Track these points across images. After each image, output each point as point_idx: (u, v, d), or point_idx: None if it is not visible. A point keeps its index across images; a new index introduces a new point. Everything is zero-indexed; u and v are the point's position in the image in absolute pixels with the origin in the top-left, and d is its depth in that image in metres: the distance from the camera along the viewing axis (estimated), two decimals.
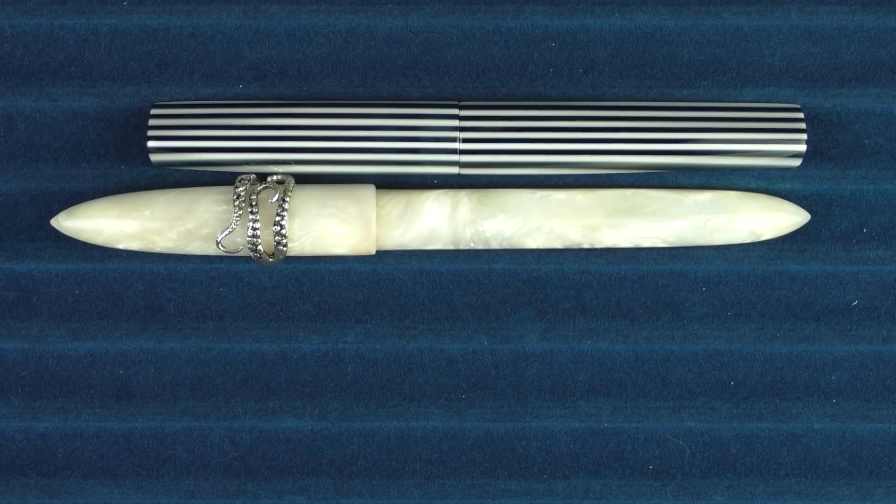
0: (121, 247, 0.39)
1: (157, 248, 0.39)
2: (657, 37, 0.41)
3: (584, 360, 0.42)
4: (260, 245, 0.38)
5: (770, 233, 0.40)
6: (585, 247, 0.40)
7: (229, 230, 0.38)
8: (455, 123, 0.39)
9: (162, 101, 0.40)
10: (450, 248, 0.40)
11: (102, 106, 0.41)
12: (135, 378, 0.42)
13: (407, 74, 0.41)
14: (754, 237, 0.40)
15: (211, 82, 0.41)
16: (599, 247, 0.40)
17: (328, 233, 0.39)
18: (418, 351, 0.42)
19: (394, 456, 0.43)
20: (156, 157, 0.39)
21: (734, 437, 0.42)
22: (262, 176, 0.39)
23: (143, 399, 0.42)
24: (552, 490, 0.42)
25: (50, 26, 0.40)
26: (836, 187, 0.41)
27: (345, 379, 0.42)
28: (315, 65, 0.41)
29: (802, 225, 0.41)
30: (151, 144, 0.39)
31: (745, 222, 0.40)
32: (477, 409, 0.42)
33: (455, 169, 0.40)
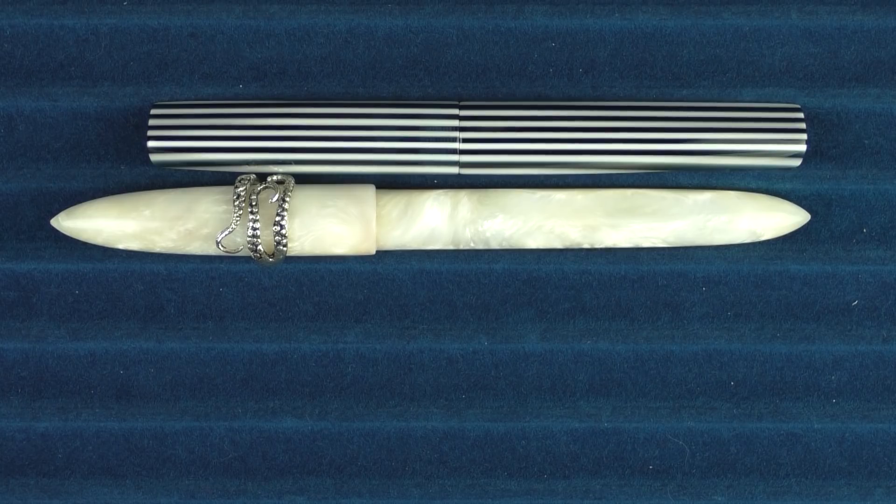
0: (121, 247, 0.39)
1: (157, 248, 0.39)
2: (657, 37, 0.40)
3: (584, 360, 0.42)
4: (260, 245, 0.38)
5: (770, 233, 0.40)
6: (585, 247, 0.40)
7: (229, 230, 0.38)
8: (455, 123, 0.39)
9: (162, 101, 0.40)
10: (450, 248, 0.40)
11: (102, 106, 0.41)
12: (135, 378, 0.42)
13: (407, 74, 0.41)
14: (754, 237, 0.40)
15: (211, 82, 0.41)
16: (599, 247, 0.40)
17: (328, 233, 0.39)
18: (418, 351, 0.42)
19: (394, 456, 0.43)
20: (156, 157, 0.39)
21: (734, 437, 0.42)
22: (262, 176, 0.39)
23: (143, 399, 0.42)
24: (552, 490, 0.42)
25: (50, 26, 0.40)
26: (836, 187, 0.41)
27: (345, 379, 0.42)
28: (315, 65, 0.41)
29: (802, 225, 0.41)
30: (151, 144, 0.39)
31: (745, 222, 0.40)
32: (477, 409, 0.42)
33: (455, 169, 0.40)
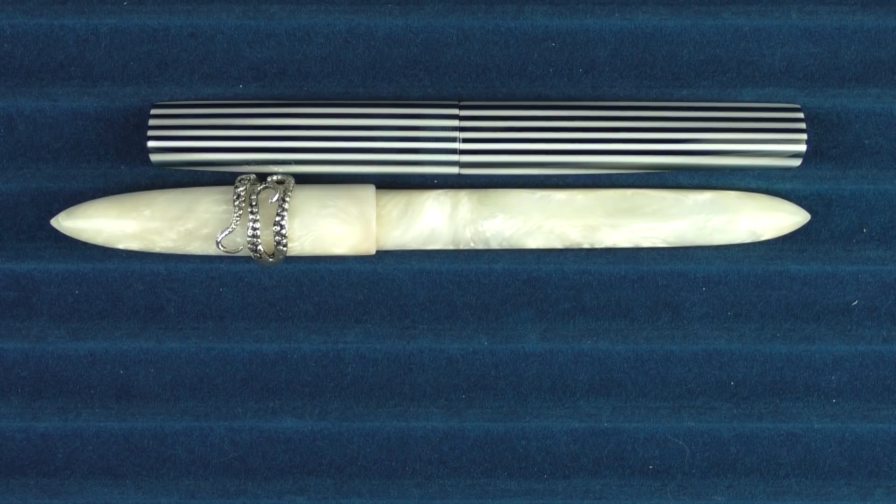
0: (121, 247, 0.39)
1: (157, 248, 0.39)
2: (657, 37, 0.40)
3: (584, 360, 0.42)
4: (260, 245, 0.38)
5: (770, 233, 0.40)
6: (585, 247, 0.40)
7: (229, 230, 0.38)
8: (455, 123, 0.39)
9: (162, 101, 0.40)
10: (450, 248, 0.40)
11: (102, 106, 0.41)
12: (135, 378, 0.42)
13: (407, 74, 0.41)
14: (754, 237, 0.40)
15: (211, 82, 0.40)
16: (599, 247, 0.40)
17: (328, 233, 0.39)
18: (418, 351, 0.42)
19: (394, 456, 0.43)
20: (156, 157, 0.39)
21: (734, 437, 0.42)
22: (262, 176, 0.39)
23: (143, 399, 0.42)
24: (552, 490, 0.42)
25: (50, 26, 0.40)
26: (836, 187, 0.41)
27: (345, 379, 0.42)
28: (315, 65, 0.41)
29: (802, 225, 0.41)
30: (151, 144, 0.39)
31: (745, 222, 0.40)
32: (477, 409, 0.42)
33: (455, 169, 0.40)
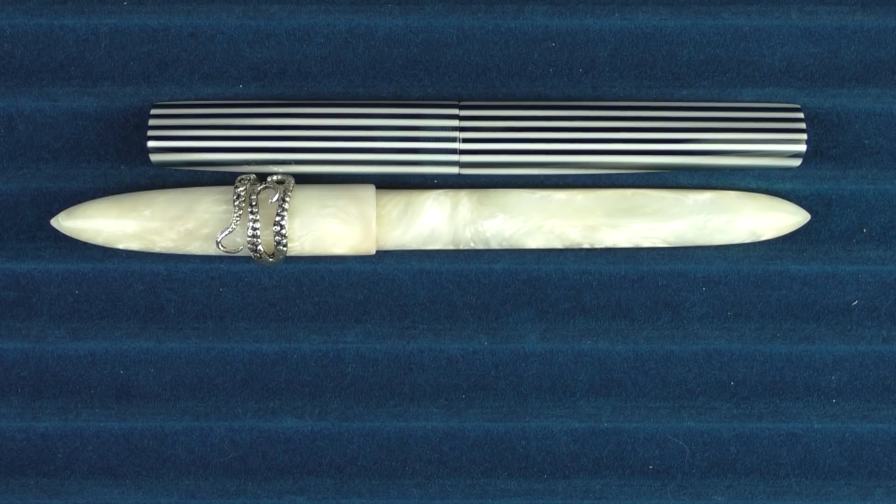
0: (121, 247, 0.39)
1: (157, 248, 0.39)
2: (657, 37, 0.40)
3: (584, 360, 0.42)
4: (260, 245, 0.38)
5: (770, 233, 0.40)
6: (585, 247, 0.40)
7: (229, 230, 0.38)
8: (455, 123, 0.39)
9: (162, 101, 0.40)
10: (450, 248, 0.40)
11: (102, 106, 0.41)
12: (135, 378, 0.42)
13: (407, 74, 0.41)
14: (754, 237, 0.40)
15: (211, 82, 0.40)
16: (599, 247, 0.40)
17: (328, 233, 0.39)
18: (418, 351, 0.42)
19: (394, 456, 0.43)
20: (156, 157, 0.39)
21: (734, 437, 0.42)
22: (262, 176, 0.39)
23: (143, 399, 0.42)
24: (552, 490, 0.42)
25: (50, 26, 0.40)
26: (836, 187, 0.41)
27: (345, 379, 0.42)
28: (315, 65, 0.41)
29: (802, 225, 0.41)
30: (151, 144, 0.39)
31: (745, 222, 0.40)
32: (477, 409, 0.42)
33: (455, 169, 0.40)
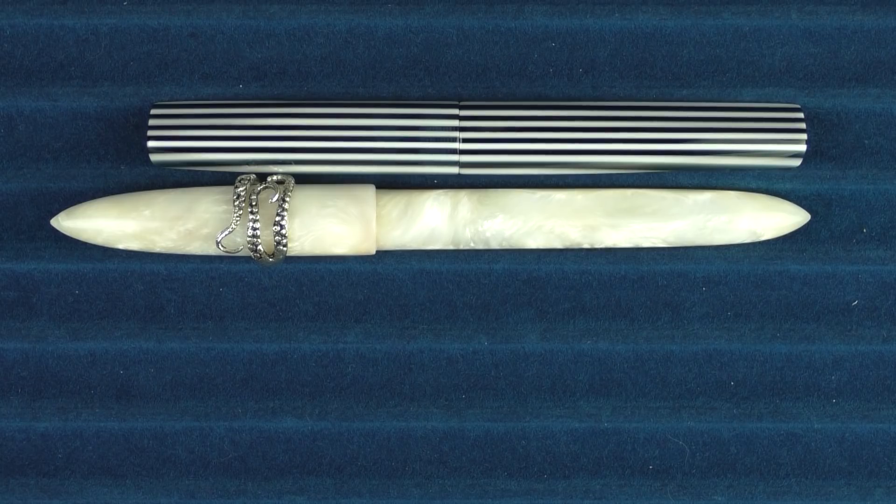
0: (121, 247, 0.39)
1: (157, 248, 0.39)
2: (657, 37, 0.40)
3: (584, 360, 0.42)
4: (260, 245, 0.38)
5: (770, 233, 0.40)
6: (585, 247, 0.40)
7: (229, 230, 0.38)
8: (455, 123, 0.39)
9: (162, 101, 0.40)
10: (450, 248, 0.40)
11: (102, 106, 0.41)
12: (135, 378, 0.42)
13: (407, 74, 0.41)
14: (754, 237, 0.40)
15: (211, 82, 0.40)
16: (599, 247, 0.40)
17: (328, 233, 0.39)
18: (418, 351, 0.42)
19: (394, 456, 0.43)
20: (156, 157, 0.39)
21: (734, 437, 0.42)
22: (262, 176, 0.39)
23: (143, 399, 0.42)
24: (552, 490, 0.42)
25: (50, 26, 0.40)
26: (836, 187, 0.41)
27: (345, 379, 0.42)
28: (315, 65, 0.41)
29: (802, 225, 0.41)
30: (151, 144, 0.39)
31: (745, 222, 0.40)
32: (477, 409, 0.42)
33: (455, 169, 0.40)
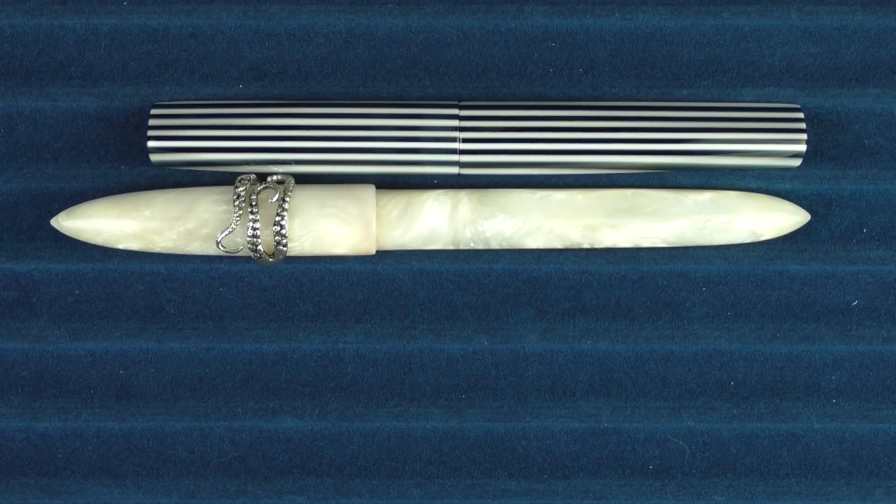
0: (121, 247, 0.39)
1: (157, 248, 0.39)
2: (657, 37, 0.40)
3: (584, 360, 0.42)
4: (260, 245, 0.38)
5: (770, 233, 0.40)
6: (585, 247, 0.40)
7: (229, 230, 0.38)
8: (455, 123, 0.39)
9: (162, 101, 0.40)
10: (450, 248, 0.40)
11: (102, 106, 0.41)
12: (135, 378, 0.42)
13: (407, 74, 0.41)
14: (754, 237, 0.40)
15: (211, 82, 0.40)
16: (599, 247, 0.40)
17: (328, 233, 0.39)
18: (418, 351, 0.42)
19: (394, 456, 0.43)
20: (156, 157, 0.39)
21: (734, 437, 0.42)
22: (262, 176, 0.39)
23: (143, 399, 0.42)
24: (552, 490, 0.42)
25: (50, 26, 0.40)
26: (836, 187, 0.41)
27: (345, 379, 0.42)
28: (315, 65, 0.41)
29: (802, 225, 0.41)
30: (151, 144, 0.39)
31: (745, 222, 0.40)
32: (477, 409, 0.42)
33: (455, 169, 0.40)
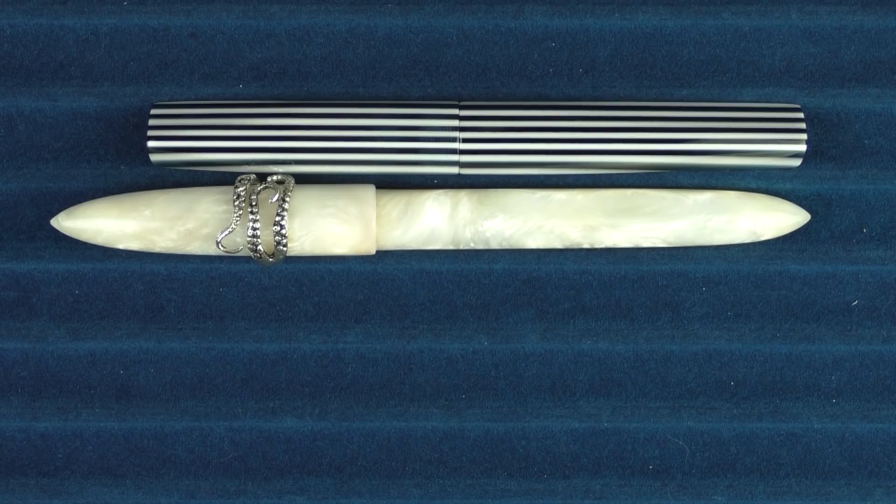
0: (121, 247, 0.39)
1: (157, 248, 0.39)
2: (657, 37, 0.40)
3: (584, 360, 0.42)
4: (260, 245, 0.38)
5: (770, 233, 0.40)
6: (585, 247, 0.40)
7: (229, 230, 0.38)
8: (455, 123, 0.39)
9: (162, 101, 0.40)
10: (450, 248, 0.40)
11: (102, 106, 0.41)
12: (135, 378, 0.42)
13: (407, 74, 0.41)
14: (754, 237, 0.40)
15: (211, 82, 0.41)
16: (599, 247, 0.40)
17: (328, 233, 0.39)
18: (418, 351, 0.42)
19: (394, 456, 0.43)
20: (156, 157, 0.39)
21: (734, 437, 0.42)
22: (262, 176, 0.39)
23: (143, 399, 0.42)
24: (552, 490, 0.42)
25: (50, 26, 0.40)
26: (836, 187, 0.41)
27: (345, 379, 0.42)
28: (315, 65, 0.41)
29: (802, 225, 0.41)
30: (151, 144, 0.39)
31: (745, 222, 0.40)
32: (477, 409, 0.42)
33: (455, 169, 0.40)
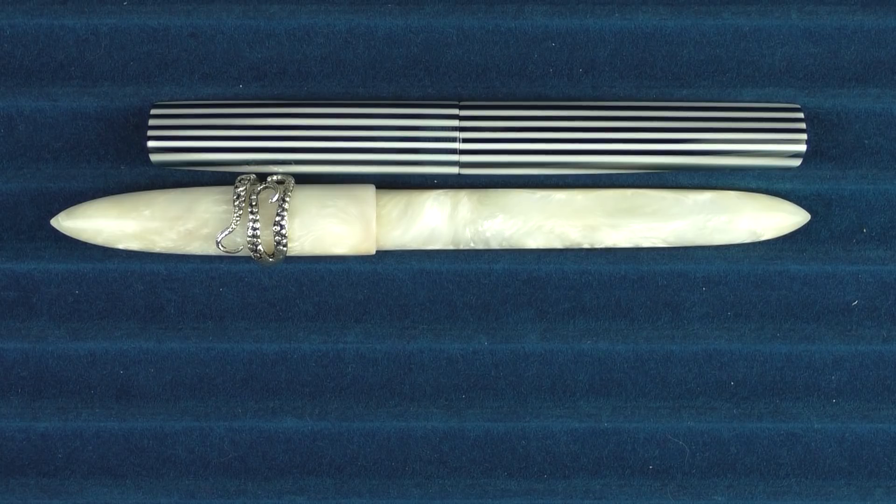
0: (121, 247, 0.39)
1: (157, 248, 0.39)
2: (657, 37, 0.40)
3: (584, 360, 0.42)
4: (260, 245, 0.38)
5: (770, 233, 0.40)
6: (585, 247, 0.40)
7: (229, 230, 0.38)
8: (455, 123, 0.39)
9: (162, 101, 0.40)
10: (450, 248, 0.40)
11: (102, 106, 0.41)
12: (135, 378, 0.42)
13: (407, 74, 0.41)
14: (754, 237, 0.40)
15: (211, 82, 0.41)
16: (599, 247, 0.40)
17: (328, 233, 0.39)
18: (418, 351, 0.42)
19: (394, 456, 0.43)
20: (156, 157, 0.39)
21: (734, 437, 0.42)
22: (262, 176, 0.39)
23: (143, 399, 0.42)
24: (552, 490, 0.42)
25: (50, 26, 0.40)
26: (836, 187, 0.41)
27: (345, 379, 0.42)
28: (315, 65, 0.41)
29: (802, 225, 0.41)
30: (151, 144, 0.39)
31: (745, 222, 0.40)
32: (477, 409, 0.42)
33: (455, 169, 0.40)
